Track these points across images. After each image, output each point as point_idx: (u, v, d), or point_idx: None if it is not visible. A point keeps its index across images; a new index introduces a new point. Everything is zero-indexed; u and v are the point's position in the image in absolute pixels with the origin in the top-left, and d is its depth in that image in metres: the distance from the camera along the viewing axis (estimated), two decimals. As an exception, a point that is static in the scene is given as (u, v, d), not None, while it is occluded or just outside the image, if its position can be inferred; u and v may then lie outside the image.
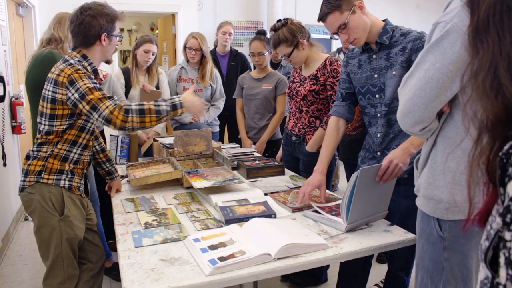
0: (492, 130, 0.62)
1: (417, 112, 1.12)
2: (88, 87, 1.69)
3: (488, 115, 0.62)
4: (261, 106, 3.07)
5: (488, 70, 0.63)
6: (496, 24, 0.65)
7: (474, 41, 0.68)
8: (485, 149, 0.63)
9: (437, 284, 1.21)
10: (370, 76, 1.88)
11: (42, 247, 1.81)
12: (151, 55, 3.04)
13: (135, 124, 1.70)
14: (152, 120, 1.71)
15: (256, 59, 3.02)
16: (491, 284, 0.59)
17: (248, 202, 1.86)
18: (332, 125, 2.01)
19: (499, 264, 0.57)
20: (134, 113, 1.69)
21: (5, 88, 3.20)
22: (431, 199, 1.20)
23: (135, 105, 1.71)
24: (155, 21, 8.63)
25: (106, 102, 1.69)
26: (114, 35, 1.86)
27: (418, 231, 1.30)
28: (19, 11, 4.40)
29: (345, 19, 1.78)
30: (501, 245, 0.56)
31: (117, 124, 1.68)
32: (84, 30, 1.78)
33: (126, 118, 1.68)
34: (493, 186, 0.62)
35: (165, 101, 1.76)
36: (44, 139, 1.78)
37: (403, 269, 2.02)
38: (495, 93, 0.61)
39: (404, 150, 1.66)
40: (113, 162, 2.16)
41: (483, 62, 0.65)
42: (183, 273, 1.27)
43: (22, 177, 1.81)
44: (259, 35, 3.12)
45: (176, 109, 1.75)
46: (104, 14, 1.80)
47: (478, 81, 0.64)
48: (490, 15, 0.66)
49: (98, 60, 1.87)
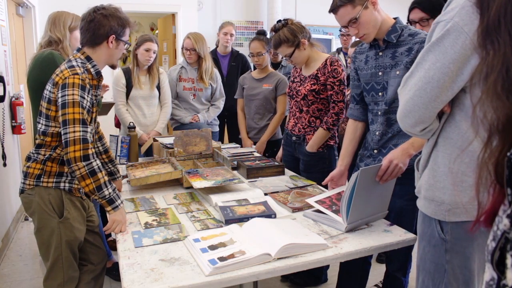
0: (503, 131, 0.61)
1: (417, 112, 1.12)
2: (73, 100, 1.64)
3: (499, 116, 0.61)
4: (261, 106, 3.07)
5: (499, 71, 0.62)
6: (507, 24, 0.64)
7: (484, 42, 0.67)
8: (494, 151, 0.62)
9: (438, 286, 1.20)
10: (375, 73, 1.88)
11: (43, 248, 1.81)
12: (152, 54, 3.03)
13: (78, 173, 1.62)
14: (90, 187, 1.64)
15: (255, 60, 3.02)
16: (497, 286, 0.59)
17: (248, 202, 1.85)
18: (350, 129, 2.06)
19: (506, 266, 0.56)
20: (87, 167, 1.62)
21: (5, 88, 3.20)
22: (432, 200, 1.18)
23: (97, 164, 1.66)
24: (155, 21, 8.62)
25: (77, 126, 1.62)
26: (122, 40, 1.83)
27: (419, 233, 1.29)
28: (19, 11, 4.40)
29: (356, 14, 1.77)
30: (509, 247, 0.56)
31: (69, 155, 1.61)
32: (94, 28, 1.76)
33: (79, 160, 1.61)
34: (500, 187, 0.61)
35: (113, 190, 1.70)
36: (41, 140, 1.77)
37: (400, 270, 2.02)
38: (506, 94, 0.60)
39: (404, 150, 1.66)
40: (115, 163, 2.15)
41: (494, 63, 0.64)
42: (183, 273, 1.27)
43: (22, 179, 1.80)
44: (259, 35, 3.12)
45: (109, 205, 1.67)
46: (117, 16, 1.79)
47: (489, 83, 0.63)
48: (502, 15, 0.65)
49: (103, 62, 1.85)
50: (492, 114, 0.62)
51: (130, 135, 2.71)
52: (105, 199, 1.67)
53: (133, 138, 2.70)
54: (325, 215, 1.65)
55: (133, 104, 3.12)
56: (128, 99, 3.11)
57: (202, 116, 3.31)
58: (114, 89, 3.10)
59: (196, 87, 3.31)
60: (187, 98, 3.31)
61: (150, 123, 3.16)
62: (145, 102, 3.13)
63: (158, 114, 3.19)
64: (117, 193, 1.72)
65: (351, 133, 2.05)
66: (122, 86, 3.08)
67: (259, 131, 3.11)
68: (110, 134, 2.73)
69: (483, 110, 0.63)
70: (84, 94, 1.68)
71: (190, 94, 3.31)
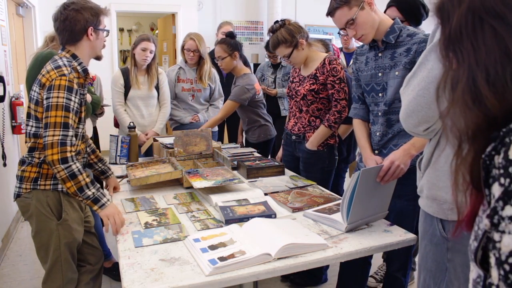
0: (474, 138, 0.62)
1: (420, 112, 1.12)
2: (57, 103, 1.63)
3: (469, 125, 0.62)
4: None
5: (467, 81, 0.63)
6: (469, 35, 0.64)
7: (446, 52, 0.68)
8: (467, 157, 0.63)
9: (439, 285, 1.20)
10: (375, 74, 1.88)
11: (41, 251, 1.79)
12: (148, 53, 3.02)
13: (58, 175, 1.63)
14: (71, 189, 1.64)
15: (218, 63, 3.04)
16: (483, 283, 0.61)
17: (248, 202, 1.86)
18: (359, 127, 2.05)
19: (490, 264, 0.58)
20: (66, 170, 1.62)
21: (5, 88, 3.20)
22: (434, 199, 1.19)
23: (77, 167, 1.65)
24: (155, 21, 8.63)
25: (57, 130, 1.62)
26: (100, 29, 1.81)
27: (421, 232, 1.29)
28: (19, 11, 4.40)
29: (353, 15, 1.77)
30: (491, 246, 0.57)
31: (47, 158, 1.62)
32: (70, 25, 1.74)
33: (57, 163, 1.61)
34: (477, 191, 0.63)
35: (97, 190, 1.70)
36: (33, 143, 1.74)
37: (400, 270, 2.02)
38: (475, 104, 0.62)
39: (405, 151, 1.66)
40: (105, 161, 2.13)
41: (460, 74, 0.64)
42: (183, 273, 1.27)
43: (17, 183, 1.78)
44: (221, 39, 3.07)
45: (95, 204, 1.68)
46: (88, 8, 1.76)
47: (457, 93, 0.64)
48: (463, 26, 0.65)
49: (87, 57, 1.83)
50: (461, 123, 0.63)
51: (130, 135, 2.71)
52: (89, 200, 1.67)
53: (133, 138, 2.70)
54: (325, 215, 1.66)
55: (131, 104, 3.11)
56: (127, 99, 3.11)
57: (202, 116, 3.31)
58: (113, 89, 3.10)
59: (195, 88, 3.31)
60: (185, 99, 3.31)
61: (148, 123, 3.15)
62: (143, 103, 3.12)
63: (156, 115, 3.19)
64: (101, 192, 1.72)
65: (361, 130, 2.03)
66: (120, 87, 3.07)
67: (246, 132, 3.19)
68: (110, 134, 2.73)
69: (452, 119, 0.64)
70: (71, 96, 1.67)
71: (189, 95, 3.31)
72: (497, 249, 0.56)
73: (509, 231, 0.54)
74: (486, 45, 0.62)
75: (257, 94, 3.01)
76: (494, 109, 0.59)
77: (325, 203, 1.86)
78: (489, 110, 0.60)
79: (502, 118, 0.60)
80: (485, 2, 0.63)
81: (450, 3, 0.68)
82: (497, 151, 0.58)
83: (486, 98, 0.60)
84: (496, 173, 0.58)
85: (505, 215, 0.55)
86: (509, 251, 0.54)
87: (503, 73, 0.60)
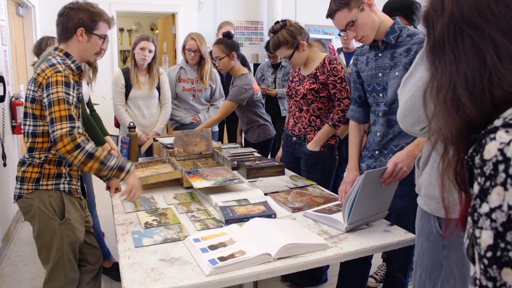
0: (456, 144, 0.65)
1: (416, 112, 1.12)
2: (58, 98, 1.63)
3: (451, 130, 0.65)
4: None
5: (448, 88, 0.66)
6: (451, 44, 0.67)
7: (432, 58, 0.70)
8: (451, 161, 0.66)
9: (435, 281, 1.21)
10: (375, 74, 1.88)
11: (43, 252, 1.79)
12: (147, 53, 3.02)
13: (77, 161, 1.63)
14: (94, 167, 1.65)
15: (216, 63, 3.03)
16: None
17: (248, 202, 1.86)
18: (353, 131, 2.07)
19: (475, 260, 0.61)
20: (82, 153, 1.62)
21: (5, 88, 3.20)
22: (432, 198, 1.20)
23: (90, 146, 1.65)
24: (155, 21, 8.63)
25: (64, 123, 1.62)
26: (94, 33, 1.79)
27: (418, 229, 1.30)
28: (19, 11, 4.41)
29: (353, 16, 1.76)
30: (474, 242, 0.60)
31: (60, 151, 1.62)
32: (63, 21, 1.76)
33: (72, 152, 1.61)
34: (466, 194, 0.66)
35: (117, 158, 1.72)
36: (31, 142, 1.74)
37: (400, 270, 2.02)
38: (456, 111, 0.64)
39: (409, 153, 1.65)
40: None
41: (442, 81, 0.67)
42: (183, 273, 1.27)
43: (18, 184, 1.77)
44: (219, 39, 3.05)
45: (122, 171, 1.71)
46: (86, 9, 1.77)
47: (440, 99, 0.67)
48: (445, 35, 0.68)
49: (78, 58, 1.82)
50: (445, 127, 0.66)
51: (130, 135, 2.71)
52: (114, 169, 1.70)
53: (133, 138, 2.70)
54: (325, 215, 1.66)
55: (132, 104, 3.11)
56: (128, 99, 3.11)
57: (202, 116, 3.31)
58: (113, 89, 3.10)
59: (196, 88, 3.31)
60: (186, 99, 3.31)
61: (149, 123, 3.15)
62: (144, 103, 3.12)
63: (157, 115, 3.19)
64: (122, 159, 1.76)
65: (354, 135, 2.05)
66: (121, 87, 3.08)
67: (245, 133, 3.18)
68: (110, 134, 2.73)
69: (437, 124, 0.67)
70: (69, 90, 1.68)
71: (190, 95, 3.31)
72: (478, 244, 0.59)
73: (486, 227, 0.57)
74: (465, 54, 0.65)
75: (256, 94, 3.01)
76: (474, 116, 0.62)
77: (325, 203, 1.86)
78: (469, 117, 0.63)
79: (481, 122, 0.62)
80: (464, 13, 0.66)
81: (434, 12, 0.70)
82: (477, 152, 0.61)
83: (466, 106, 0.63)
84: (476, 173, 0.61)
85: (482, 212, 0.58)
86: (487, 246, 0.57)
87: (481, 81, 0.62)
